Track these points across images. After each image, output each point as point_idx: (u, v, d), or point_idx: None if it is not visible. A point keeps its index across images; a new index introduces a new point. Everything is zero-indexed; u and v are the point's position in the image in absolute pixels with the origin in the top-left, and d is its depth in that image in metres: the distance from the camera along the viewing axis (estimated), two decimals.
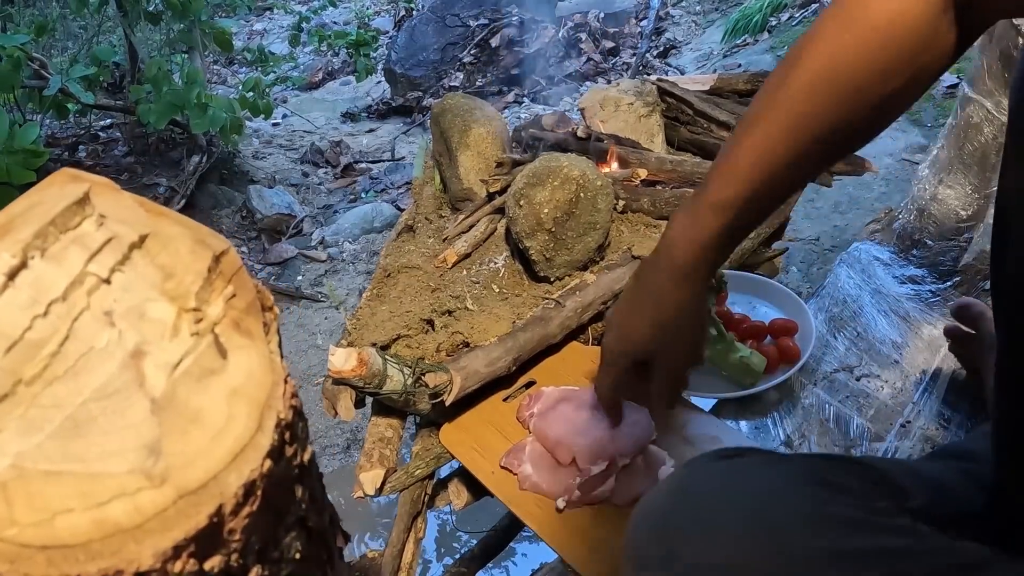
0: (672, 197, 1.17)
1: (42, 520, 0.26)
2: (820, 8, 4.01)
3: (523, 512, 0.84)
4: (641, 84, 1.39)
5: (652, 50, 4.45)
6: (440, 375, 0.88)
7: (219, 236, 0.36)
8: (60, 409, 0.28)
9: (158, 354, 0.31)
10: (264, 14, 6.62)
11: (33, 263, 0.32)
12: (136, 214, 0.35)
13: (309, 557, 0.39)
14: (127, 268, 0.33)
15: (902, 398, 1.06)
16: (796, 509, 0.54)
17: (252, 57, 4.76)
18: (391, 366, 0.86)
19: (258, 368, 0.33)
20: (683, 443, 0.90)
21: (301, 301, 2.64)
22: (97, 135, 3.42)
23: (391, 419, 0.96)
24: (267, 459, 0.30)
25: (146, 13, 2.98)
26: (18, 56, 2.33)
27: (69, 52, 3.64)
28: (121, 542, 0.26)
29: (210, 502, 0.28)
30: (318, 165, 3.72)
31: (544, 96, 4.19)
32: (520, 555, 1.67)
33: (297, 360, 2.34)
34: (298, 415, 0.35)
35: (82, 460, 0.27)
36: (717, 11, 4.77)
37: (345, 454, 2.00)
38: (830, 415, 1.04)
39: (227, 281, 0.35)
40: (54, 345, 0.30)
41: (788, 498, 0.54)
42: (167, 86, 2.69)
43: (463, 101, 1.28)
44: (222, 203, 3.16)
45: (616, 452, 0.85)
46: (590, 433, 0.88)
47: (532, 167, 1.03)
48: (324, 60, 5.30)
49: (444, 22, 4.65)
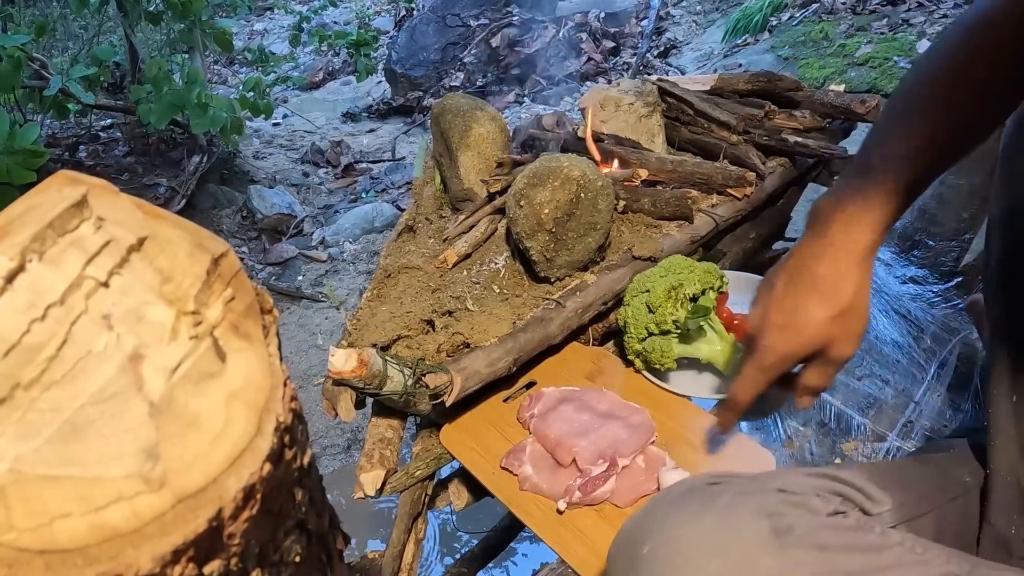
0: (672, 197, 1.17)
1: (40, 524, 0.26)
2: (820, 8, 4.01)
3: (523, 513, 0.84)
4: (641, 84, 1.39)
5: (652, 50, 4.44)
6: (440, 376, 0.88)
7: (218, 239, 0.36)
8: (58, 413, 0.28)
9: (156, 357, 0.31)
10: (264, 14, 6.62)
11: (31, 266, 0.31)
12: (134, 217, 0.35)
13: (309, 560, 0.38)
14: (125, 271, 0.33)
15: (904, 398, 1.06)
16: (759, 547, 0.53)
17: (252, 57, 4.76)
18: (391, 367, 0.86)
19: (257, 371, 0.32)
20: (683, 444, 0.90)
21: (301, 301, 2.63)
22: (97, 135, 3.42)
23: (391, 420, 0.96)
24: (266, 463, 0.30)
25: (146, 13, 2.98)
26: (18, 56, 2.33)
27: (69, 52, 3.63)
28: (119, 547, 0.26)
29: (209, 506, 0.28)
30: (318, 165, 3.71)
31: (545, 96, 4.19)
32: (520, 555, 1.67)
33: (297, 361, 2.34)
34: (298, 418, 0.35)
35: (80, 464, 0.27)
36: (717, 11, 4.76)
37: (346, 454, 2.00)
38: (831, 414, 1.03)
39: (226, 284, 0.35)
40: (52, 349, 0.30)
41: (751, 545, 0.54)
42: (167, 86, 2.69)
43: (463, 101, 1.28)
44: (222, 203, 3.16)
45: (616, 453, 0.85)
46: (590, 434, 0.88)
47: (532, 167, 1.03)
48: (324, 60, 5.30)
49: (445, 22, 4.64)
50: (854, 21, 3.78)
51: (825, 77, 3.43)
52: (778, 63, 3.70)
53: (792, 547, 0.52)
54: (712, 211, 1.19)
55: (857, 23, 3.75)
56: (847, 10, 3.91)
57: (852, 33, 3.67)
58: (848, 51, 3.52)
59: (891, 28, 3.60)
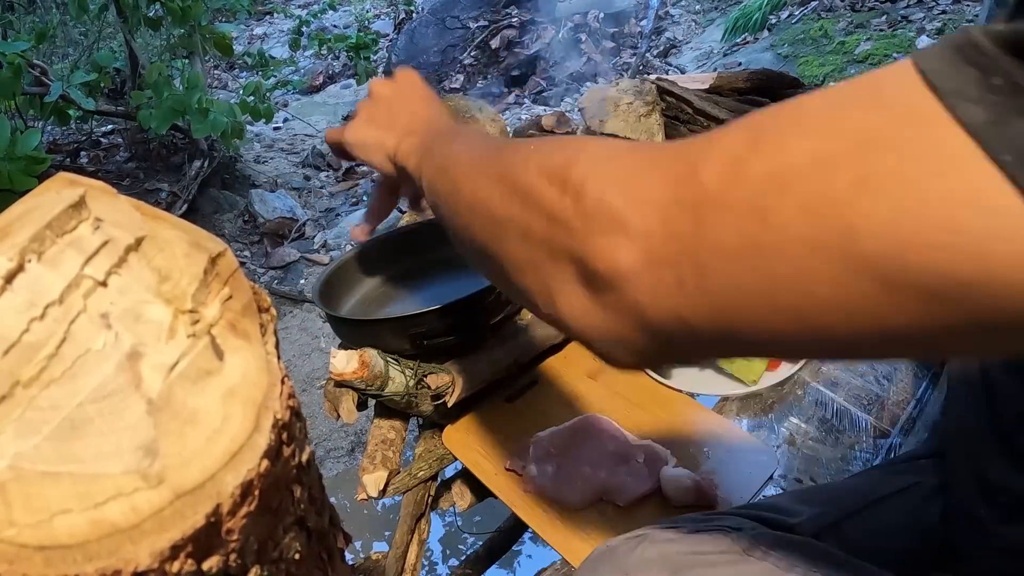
0: None
1: (40, 521, 0.26)
2: (819, 5, 4.01)
3: (526, 514, 0.84)
4: (640, 83, 1.39)
5: (652, 50, 4.45)
6: (442, 376, 0.88)
7: (215, 238, 0.36)
8: (57, 411, 0.28)
9: (154, 356, 0.31)
10: (264, 18, 6.63)
11: (30, 266, 0.32)
12: (132, 217, 0.35)
13: (309, 557, 0.39)
14: (123, 271, 0.33)
15: (906, 394, 1.05)
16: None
17: (252, 61, 4.77)
18: (393, 368, 0.86)
19: (254, 369, 0.33)
20: (685, 442, 0.90)
21: (304, 305, 2.64)
22: (99, 141, 3.43)
23: (394, 421, 0.96)
24: (264, 459, 0.30)
25: (146, 18, 2.98)
26: (19, 63, 2.33)
27: (70, 58, 3.65)
28: (118, 542, 0.26)
29: (207, 502, 0.28)
30: (320, 169, 3.72)
31: (544, 97, 4.19)
32: (525, 556, 1.67)
33: (300, 364, 2.35)
34: (296, 415, 0.35)
35: (79, 461, 0.27)
36: (717, 10, 4.76)
37: (349, 457, 2.00)
38: (833, 412, 1.03)
39: (223, 283, 0.35)
40: (51, 347, 0.30)
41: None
42: (168, 91, 2.70)
43: (463, 102, 1.29)
44: (224, 207, 3.16)
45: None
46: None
47: None
48: (324, 63, 5.31)
49: (444, 24, 4.65)
50: (853, 18, 3.78)
51: (825, 75, 3.43)
52: (778, 61, 3.70)
53: None
54: None
55: (856, 20, 3.75)
56: (846, 7, 3.91)
57: (851, 30, 3.68)
58: (847, 48, 3.53)
59: (890, 25, 3.60)
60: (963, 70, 0.25)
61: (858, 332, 0.29)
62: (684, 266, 0.32)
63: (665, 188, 0.33)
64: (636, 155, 0.37)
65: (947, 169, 0.25)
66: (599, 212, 0.35)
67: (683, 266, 0.32)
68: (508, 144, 0.49)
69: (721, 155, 0.32)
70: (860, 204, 0.27)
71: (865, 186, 0.26)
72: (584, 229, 0.36)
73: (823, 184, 0.28)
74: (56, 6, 3.81)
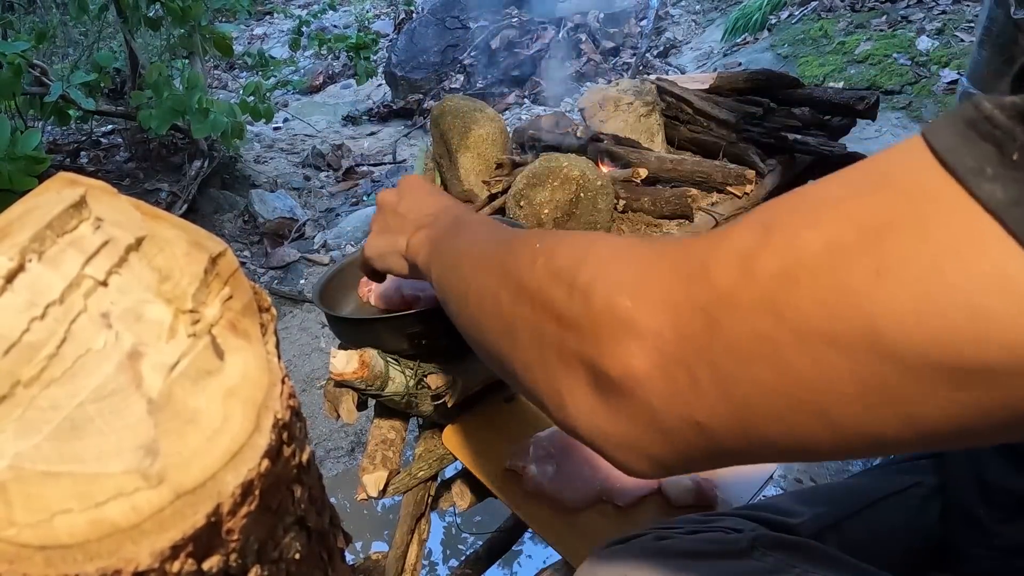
0: (672, 196, 1.17)
1: (41, 520, 0.26)
2: (819, 6, 4.01)
3: (526, 514, 0.84)
4: (640, 84, 1.39)
5: (652, 50, 4.45)
6: (442, 377, 0.88)
7: (215, 238, 0.36)
8: (58, 410, 0.28)
9: (155, 355, 0.31)
10: (264, 18, 6.63)
11: (30, 266, 0.32)
12: (132, 217, 0.35)
13: (309, 557, 0.39)
14: (124, 271, 0.33)
15: None
16: None
17: (252, 61, 4.78)
18: (393, 368, 0.86)
19: (255, 369, 0.33)
20: None
21: (304, 305, 2.64)
22: (99, 141, 3.43)
23: (394, 421, 0.96)
24: (264, 459, 0.30)
25: (146, 19, 2.98)
26: (19, 63, 2.33)
27: (70, 58, 3.65)
28: (119, 542, 0.26)
29: (207, 502, 0.28)
30: (320, 169, 3.72)
31: (544, 97, 4.19)
32: (525, 556, 1.67)
33: (300, 364, 2.35)
34: (296, 415, 0.35)
35: (80, 461, 0.27)
36: (717, 10, 4.77)
37: (350, 457, 2.00)
38: None
39: (224, 283, 0.35)
40: (52, 347, 0.30)
41: None
42: (168, 91, 2.70)
43: (463, 103, 1.29)
44: (224, 208, 3.16)
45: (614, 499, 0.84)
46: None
47: (532, 168, 1.03)
48: (324, 64, 5.31)
49: (444, 24, 4.65)
50: (853, 18, 3.78)
51: (825, 75, 3.43)
52: (778, 61, 3.70)
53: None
54: (712, 209, 1.20)
55: (856, 20, 3.75)
56: (846, 8, 3.91)
57: (851, 30, 3.68)
58: (847, 48, 3.53)
59: (890, 25, 3.60)
60: (979, 146, 0.24)
61: (884, 425, 0.28)
62: (698, 368, 0.31)
63: (675, 288, 0.32)
64: (644, 253, 0.36)
65: (969, 252, 0.24)
66: (608, 315, 0.34)
67: (697, 368, 0.31)
68: (514, 237, 0.48)
69: (731, 252, 0.31)
70: (879, 293, 0.25)
71: (883, 274, 0.25)
72: (594, 332, 0.35)
73: (839, 275, 0.27)
74: (56, 6, 3.81)
